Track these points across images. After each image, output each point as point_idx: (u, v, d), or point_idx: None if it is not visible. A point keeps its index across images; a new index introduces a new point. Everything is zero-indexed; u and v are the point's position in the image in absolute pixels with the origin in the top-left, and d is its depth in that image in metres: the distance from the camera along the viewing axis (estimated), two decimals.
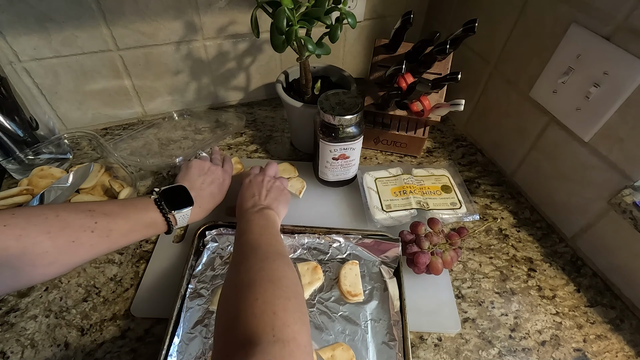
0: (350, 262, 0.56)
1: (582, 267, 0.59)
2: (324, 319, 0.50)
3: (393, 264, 0.56)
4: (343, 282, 0.54)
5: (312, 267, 0.55)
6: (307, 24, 0.54)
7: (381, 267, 0.56)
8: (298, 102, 0.63)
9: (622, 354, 0.50)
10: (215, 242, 0.57)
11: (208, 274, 0.54)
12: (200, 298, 0.51)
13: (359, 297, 0.52)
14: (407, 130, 0.72)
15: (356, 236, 0.58)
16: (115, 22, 0.65)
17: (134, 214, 0.47)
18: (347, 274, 0.55)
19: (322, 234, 0.59)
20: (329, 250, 0.58)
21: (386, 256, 0.57)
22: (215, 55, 0.76)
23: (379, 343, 0.49)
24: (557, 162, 0.61)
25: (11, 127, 0.61)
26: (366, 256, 0.57)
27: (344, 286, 0.53)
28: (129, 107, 0.78)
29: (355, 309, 0.52)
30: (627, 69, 0.47)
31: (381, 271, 0.55)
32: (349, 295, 0.52)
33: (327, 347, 0.48)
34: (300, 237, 0.59)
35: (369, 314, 0.51)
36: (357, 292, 0.53)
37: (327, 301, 0.53)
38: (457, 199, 0.63)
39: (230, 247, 0.58)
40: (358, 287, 0.53)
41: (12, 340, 0.48)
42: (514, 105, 0.66)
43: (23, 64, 0.64)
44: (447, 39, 0.59)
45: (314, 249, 0.58)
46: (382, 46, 0.71)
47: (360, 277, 0.54)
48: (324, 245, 0.58)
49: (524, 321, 0.53)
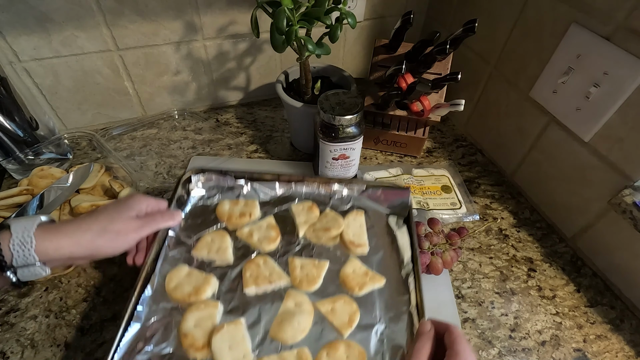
0: (354, 211, 0.53)
1: (582, 267, 0.59)
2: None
3: (403, 212, 0.53)
4: (346, 231, 0.50)
5: (307, 206, 0.53)
6: (307, 24, 0.54)
7: (389, 219, 0.52)
8: (298, 102, 0.63)
9: (622, 354, 0.50)
10: (202, 190, 0.55)
11: (192, 222, 0.52)
12: (183, 246, 0.49)
13: (363, 248, 0.49)
14: (407, 130, 0.72)
15: (360, 187, 0.54)
16: (115, 22, 0.65)
17: None
18: (350, 223, 0.51)
19: (322, 183, 0.55)
20: (330, 201, 0.54)
21: (394, 206, 0.53)
22: (215, 55, 0.76)
23: (387, 297, 0.46)
24: (557, 162, 0.61)
25: (11, 127, 0.61)
26: (372, 207, 0.54)
27: (346, 236, 0.49)
28: (129, 107, 0.78)
29: (360, 260, 0.49)
30: (627, 69, 0.47)
31: (389, 223, 0.52)
32: (352, 246, 0.49)
33: (326, 299, 0.46)
34: (297, 185, 0.55)
35: (375, 265, 0.48)
36: (361, 242, 0.49)
37: (327, 252, 0.50)
38: (457, 199, 0.63)
39: (219, 196, 0.55)
40: (363, 237, 0.50)
41: (12, 340, 0.48)
42: (514, 105, 0.66)
43: (23, 64, 0.64)
44: (447, 39, 0.59)
45: (313, 199, 0.55)
46: (382, 46, 0.71)
47: (365, 228, 0.51)
48: (324, 196, 0.55)
49: (524, 321, 0.53)
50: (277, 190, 0.58)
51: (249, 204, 0.56)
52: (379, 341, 0.43)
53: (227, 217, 0.54)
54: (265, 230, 0.53)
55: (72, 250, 0.40)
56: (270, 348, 0.42)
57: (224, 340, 0.42)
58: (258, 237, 0.52)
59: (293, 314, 0.44)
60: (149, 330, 0.43)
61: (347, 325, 0.44)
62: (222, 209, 0.55)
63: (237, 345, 0.42)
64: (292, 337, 0.43)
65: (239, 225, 0.54)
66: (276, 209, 0.56)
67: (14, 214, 0.53)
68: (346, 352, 0.42)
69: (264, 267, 0.49)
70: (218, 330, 0.42)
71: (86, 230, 0.41)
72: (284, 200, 0.57)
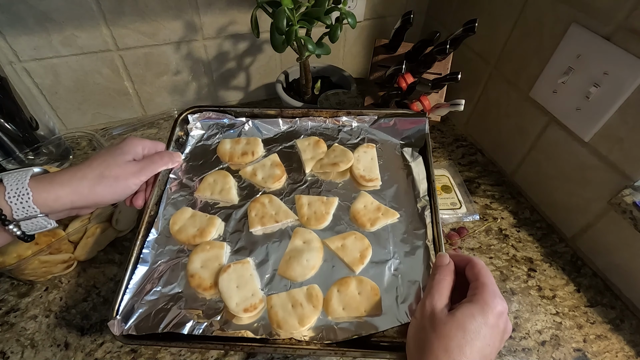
0: (365, 144, 0.50)
1: (582, 267, 0.59)
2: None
3: (419, 142, 0.50)
4: (356, 166, 0.47)
5: (313, 141, 0.50)
6: (307, 24, 0.54)
7: (403, 150, 0.49)
8: (298, 102, 0.63)
9: (622, 354, 0.50)
10: (201, 130, 0.53)
11: (193, 164, 0.50)
12: (185, 189, 0.48)
13: (375, 182, 0.47)
14: None
15: (372, 117, 0.51)
16: (115, 22, 0.65)
17: None
18: (360, 157, 0.48)
19: (329, 116, 0.52)
20: (338, 135, 0.51)
21: (409, 136, 0.50)
22: (215, 55, 0.76)
23: (401, 232, 0.44)
24: (557, 162, 0.61)
25: (11, 127, 0.61)
26: (384, 139, 0.51)
27: (356, 170, 0.47)
28: (129, 107, 0.78)
29: (372, 195, 0.46)
30: (627, 69, 0.47)
31: (403, 154, 0.49)
32: (362, 181, 0.46)
33: (336, 236, 0.44)
34: (302, 120, 0.52)
35: (388, 201, 0.46)
36: (372, 176, 0.46)
37: (336, 188, 0.47)
38: (457, 199, 0.63)
39: (220, 135, 0.53)
40: (374, 171, 0.47)
41: (12, 340, 0.48)
42: (514, 105, 0.66)
43: (23, 64, 0.64)
44: (447, 39, 0.59)
45: (320, 134, 0.52)
46: (382, 46, 0.71)
47: (377, 161, 0.48)
48: (331, 130, 0.52)
49: (524, 321, 0.53)
50: (281, 126, 0.55)
51: (251, 142, 0.53)
52: (392, 276, 0.41)
53: (228, 157, 0.52)
54: (270, 168, 0.51)
55: (72, 200, 0.39)
56: (279, 286, 0.42)
57: (231, 280, 0.41)
58: (262, 175, 0.50)
59: (302, 251, 0.43)
60: (156, 272, 0.43)
61: (359, 261, 0.42)
62: (223, 148, 0.53)
63: (245, 284, 0.41)
64: (302, 274, 0.42)
65: (242, 164, 0.52)
66: (280, 146, 0.54)
67: None
68: (358, 288, 0.40)
69: (270, 206, 0.47)
70: (225, 270, 0.42)
71: (82, 178, 0.40)
72: (288, 136, 0.54)
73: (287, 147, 0.54)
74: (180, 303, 0.41)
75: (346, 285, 0.41)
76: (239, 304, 0.40)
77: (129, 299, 0.40)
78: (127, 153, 0.44)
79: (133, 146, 0.45)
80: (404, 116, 0.50)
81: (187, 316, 0.39)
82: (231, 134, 0.55)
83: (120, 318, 0.39)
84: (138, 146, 0.46)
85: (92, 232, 0.54)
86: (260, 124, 0.56)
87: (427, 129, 0.49)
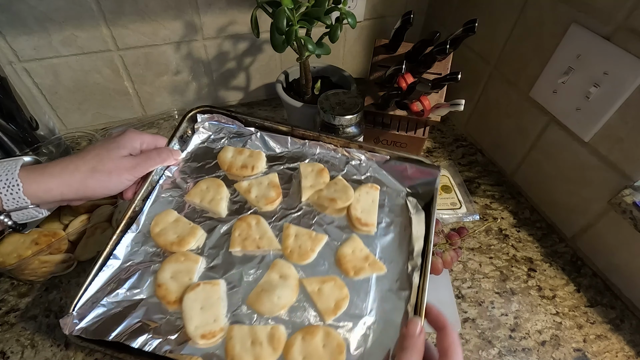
0: (369, 185, 0.47)
1: (582, 267, 0.59)
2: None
3: (425, 195, 0.46)
4: (354, 206, 0.44)
5: (317, 169, 0.47)
6: (307, 24, 0.54)
7: (408, 200, 0.46)
8: (298, 102, 0.63)
9: (622, 354, 0.50)
10: (208, 132, 0.51)
11: (191, 164, 0.48)
12: (176, 189, 0.46)
13: (370, 227, 0.43)
14: (407, 130, 0.72)
15: (383, 156, 0.48)
16: (115, 22, 0.65)
17: None
18: (361, 197, 0.45)
19: (339, 146, 0.49)
20: (345, 167, 0.49)
21: (417, 186, 0.47)
22: (215, 55, 0.76)
23: (385, 289, 0.41)
24: (557, 162, 0.61)
25: (11, 127, 0.61)
26: (391, 183, 0.48)
27: (354, 211, 0.44)
28: (129, 107, 0.78)
29: (363, 240, 0.43)
30: (627, 69, 0.47)
31: (407, 204, 0.46)
32: (358, 224, 0.43)
33: (315, 278, 0.42)
34: (312, 144, 0.50)
35: (379, 250, 0.43)
36: (369, 221, 0.43)
37: (328, 224, 0.44)
38: (457, 199, 0.63)
39: (225, 141, 0.51)
40: (372, 215, 0.44)
41: (12, 340, 0.48)
42: (514, 105, 0.66)
43: (23, 64, 0.64)
44: (447, 39, 0.59)
45: (326, 162, 0.49)
46: (382, 46, 0.70)
47: (377, 205, 0.45)
48: (339, 160, 0.49)
49: (524, 321, 0.53)
50: (289, 145, 0.52)
51: (254, 155, 0.51)
52: (363, 335, 0.38)
53: (227, 166, 0.50)
54: (266, 188, 0.48)
55: (62, 192, 0.38)
56: (244, 316, 0.39)
57: (197, 300, 0.39)
58: (257, 194, 0.48)
59: (275, 286, 0.41)
60: (124, 273, 0.41)
61: (332, 311, 0.39)
62: (225, 155, 0.51)
63: (209, 307, 0.39)
64: (270, 310, 0.39)
65: (239, 176, 0.50)
66: (283, 166, 0.51)
67: None
68: (323, 341, 0.38)
69: (256, 229, 0.45)
70: (192, 289, 0.40)
71: (74, 170, 0.39)
72: (294, 157, 0.52)
73: (289, 169, 0.51)
74: (140, 311, 0.39)
75: (312, 335, 0.38)
76: (198, 328, 0.37)
77: (89, 297, 0.38)
78: (124, 147, 0.43)
79: (131, 140, 0.44)
80: (417, 163, 0.47)
81: (143, 327, 0.37)
82: (236, 142, 0.53)
83: (76, 315, 0.37)
84: (136, 141, 0.45)
85: (92, 232, 0.54)
86: (268, 138, 0.53)
87: (438, 184, 0.46)
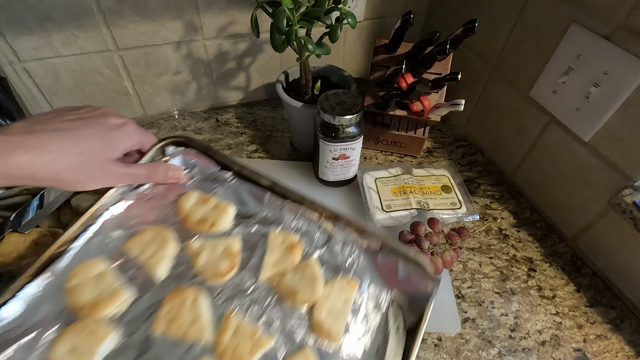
0: (345, 279, 0.37)
1: (582, 267, 0.59)
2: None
3: (413, 312, 0.36)
4: (320, 304, 0.35)
5: (289, 243, 0.38)
6: (307, 24, 0.54)
7: (389, 310, 0.36)
8: (298, 102, 0.63)
9: (622, 354, 0.50)
10: (180, 165, 0.45)
11: (146, 203, 0.42)
12: (120, 229, 0.40)
13: (332, 337, 0.34)
14: (407, 130, 0.72)
15: (375, 243, 0.38)
16: (115, 22, 0.65)
17: None
18: (331, 295, 0.35)
19: (326, 217, 0.40)
20: (324, 247, 0.39)
21: (406, 293, 0.37)
22: (215, 55, 0.76)
23: None
24: (557, 162, 0.61)
25: None
26: (374, 280, 0.38)
27: (318, 312, 0.34)
28: (129, 107, 0.78)
29: (320, 354, 0.33)
30: (627, 69, 0.47)
31: (387, 315, 0.36)
32: (318, 330, 0.34)
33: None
34: (292, 207, 0.41)
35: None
36: (333, 329, 0.34)
37: (282, 322, 0.35)
38: (457, 199, 0.63)
39: (195, 180, 0.44)
40: (339, 322, 0.34)
41: None
42: (514, 105, 0.66)
43: (23, 64, 0.64)
44: (447, 39, 0.59)
45: (305, 233, 0.40)
46: (382, 46, 0.71)
47: (349, 308, 0.35)
48: (320, 235, 0.40)
49: (524, 321, 0.53)
50: (265, 202, 0.43)
51: (220, 207, 0.42)
52: None
53: (184, 216, 0.42)
54: (219, 255, 0.39)
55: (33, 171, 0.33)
56: None
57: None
58: (206, 260, 0.38)
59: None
60: (16, 330, 0.32)
61: None
62: (185, 203, 0.42)
63: None
64: None
65: (194, 232, 0.41)
66: (251, 228, 0.42)
67: (14, 214, 0.53)
68: None
69: (189, 309, 0.35)
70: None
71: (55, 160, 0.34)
72: (266, 220, 0.42)
73: (257, 233, 0.41)
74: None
75: None
76: None
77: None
78: (117, 150, 0.39)
79: (128, 141, 0.40)
80: (414, 264, 0.36)
81: None
82: (206, 185, 0.45)
83: None
84: (130, 140, 0.41)
85: None
86: (242, 189, 0.44)
87: (432, 300, 0.35)
